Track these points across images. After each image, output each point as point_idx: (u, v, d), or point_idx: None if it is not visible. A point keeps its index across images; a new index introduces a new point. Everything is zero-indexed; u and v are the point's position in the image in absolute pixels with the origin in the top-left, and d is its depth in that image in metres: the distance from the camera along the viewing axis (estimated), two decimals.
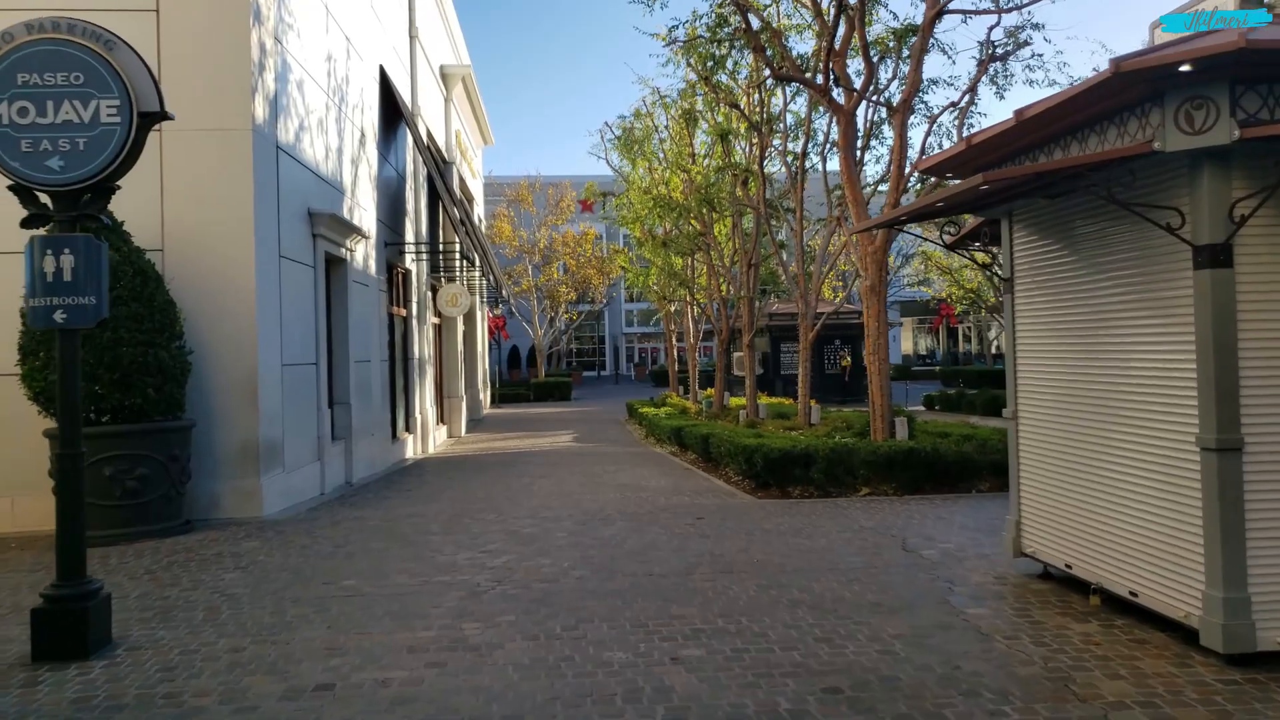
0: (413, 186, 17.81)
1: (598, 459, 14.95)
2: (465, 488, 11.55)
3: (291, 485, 10.19)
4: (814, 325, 13.73)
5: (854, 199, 10.37)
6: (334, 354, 12.53)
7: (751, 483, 10.59)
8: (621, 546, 7.38)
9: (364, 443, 13.27)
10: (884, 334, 10.34)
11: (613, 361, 55.10)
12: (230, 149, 9.35)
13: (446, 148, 21.46)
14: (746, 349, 16.41)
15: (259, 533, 8.37)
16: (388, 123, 15.95)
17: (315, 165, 11.47)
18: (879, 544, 7.31)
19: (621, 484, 11.41)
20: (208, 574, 6.73)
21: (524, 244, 35.36)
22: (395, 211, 16.36)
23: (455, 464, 15.06)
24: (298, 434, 10.51)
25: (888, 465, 9.70)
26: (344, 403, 12.54)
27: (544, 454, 16.16)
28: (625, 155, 23.03)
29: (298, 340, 10.67)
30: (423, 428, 17.57)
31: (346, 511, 9.67)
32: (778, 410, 17.32)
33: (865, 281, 10.33)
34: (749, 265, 16.26)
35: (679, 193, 18.23)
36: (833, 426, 12.75)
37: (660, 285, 21.78)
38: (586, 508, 9.42)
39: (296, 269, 10.69)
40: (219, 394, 9.30)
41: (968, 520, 8.25)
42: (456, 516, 9.07)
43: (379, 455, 14.19)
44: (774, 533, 7.85)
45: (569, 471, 13.06)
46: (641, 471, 12.81)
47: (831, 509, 8.99)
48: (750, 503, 9.53)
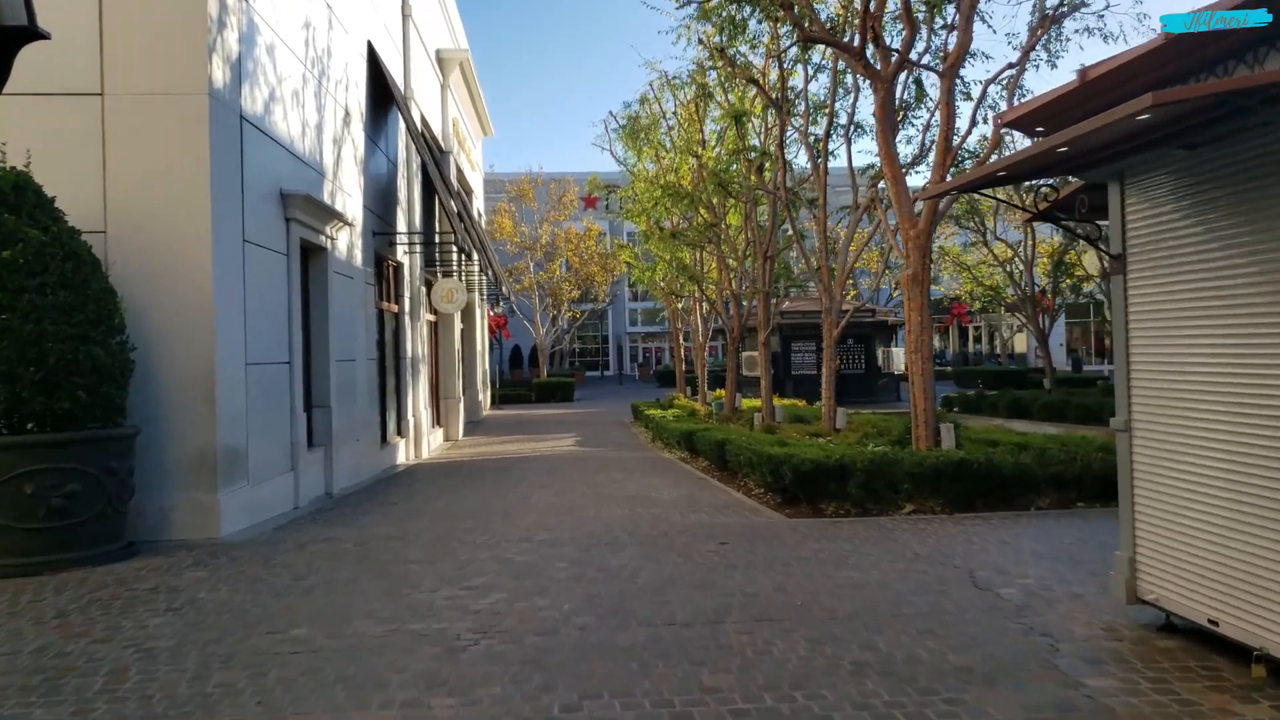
0: (405, 175, 16.55)
1: (602, 466, 13.67)
2: (456, 500, 10.28)
3: (258, 499, 8.93)
4: (838, 322, 12.44)
5: (893, 176, 9.10)
6: (312, 352, 11.27)
7: (777, 497, 9.32)
8: (634, 581, 6.10)
9: (347, 449, 12.00)
10: (927, 329, 9.07)
11: (616, 361, 53.79)
12: (183, 116, 8.08)
13: (443, 136, 20.20)
14: (762, 347, 15.13)
15: (210, 559, 7.09)
16: (377, 105, 14.69)
17: (289, 142, 10.21)
18: (943, 578, 6.03)
19: (629, 496, 10.13)
20: (130, 617, 5.46)
21: (525, 240, 34.02)
22: (385, 200, 15.10)
23: (449, 471, 13.79)
24: (266, 441, 9.24)
25: (935, 479, 8.42)
26: (324, 405, 11.27)
27: (544, 460, 14.89)
28: (630, 146, 21.74)
29: (267, 336, 9.41)
30: (416, 431, 16.31)
31: (318, 530, 8.40)
32: (794, 413, 16.03)
33: (906, 270, 9.06)
34: (765, 258, 14.98)
35: (689, 180, 16.94)
36: (862, 433, 11.46)
37: (667, 281, 20.49)
38: (591, 527, 8.14)
39: (265, 256, 9.42)
40: (170, 396, 8.03)
41: (1039, 546, 6.96)
42: (442, 538, 7.79)
43: (365, 462, 12.92)
44: (813, 562, 6.57)
45: (571, 481, 11.79)
46: (651, 481, 11.54)
47: (875, 531, 7.70)
48: (779, 522, 8.24)
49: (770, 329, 15.11)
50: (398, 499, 10.58)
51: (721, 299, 18.43)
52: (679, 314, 23.73)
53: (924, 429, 9.09)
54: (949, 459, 8.45)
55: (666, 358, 52.63)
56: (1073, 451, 8.79)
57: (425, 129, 18.29)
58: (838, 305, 12.47)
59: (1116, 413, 5.03)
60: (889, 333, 27.71)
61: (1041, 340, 23.47)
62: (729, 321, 18.12)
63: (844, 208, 12.83)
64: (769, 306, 15.26)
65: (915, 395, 9.15)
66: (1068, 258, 22.96)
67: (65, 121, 7.96)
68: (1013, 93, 9.49)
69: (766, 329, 15.12)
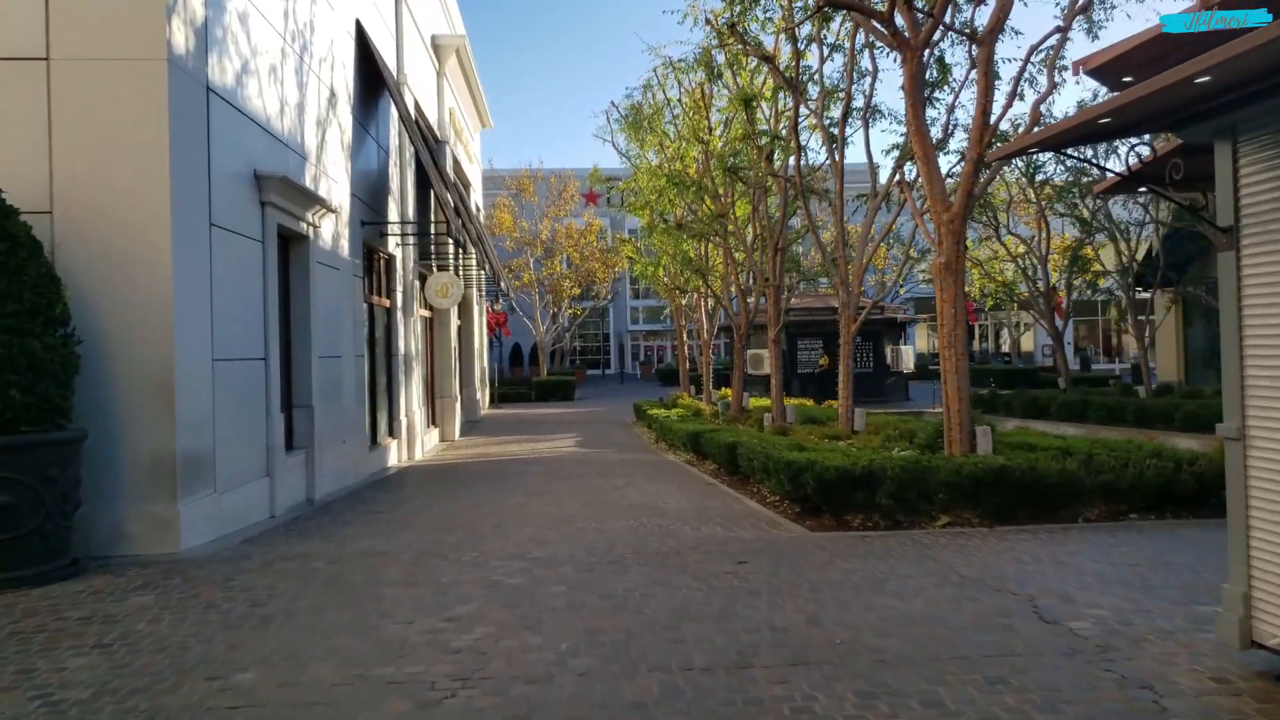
0: (397, 163, 15.68)
1: (603, 469, 12.81)
2: (446, 509, 9.40)
3: (227, 509, 8.06)
4: (856, 317, 11.57)
5: (923, 155, 8.22)
6: (293, 348, 10.40)
7: (796, 506, 8.45)
8: (641, 612, 5.23)
9: (332, 452, 11.14)
10: (961, 321, 8.19)
11: (617, 360, 52.89)
12: (139, 84, 7.21)
13: (439, 126, 19.34)
14: (772, 344, 14.25)
15: (162, 580, 6.22)
16: (367, 89, 13.82)
17: (265, 120, 9.34)
18: (1001, 608, 5.16)
19: (633, 505, 9.26)
20: (49, 657, 4.59)
21: (525, 235, 33.07)
22: (376, 189, 14.23)
23: (442, 475, 12.92)
24: (236, 444, 8.37)
25: (973, 488, 7.54)
26: (305, 405, 10.41)
27: (543, 462, 14.02)
28: (633, 137, 20.88)
29: (238, 329, 8.54)
30: (409, 432, 15.45)
31: (290, 545, 7.52)
32: (806, 413, 15.15)
33: (938, 257, 8.18)
34: (775, 250, 14.11)
35: (695, 170, 16.07)
36: (884, 435, 10.59)
37: (671, 276, 19.62)
38: (591, 542, 7.26)
39: (237, 243, 8.55)
40: (124, 396, 7.16)
41: (1100, 567, 6.08)
42: (425, 555, 6.92)
43: (352, 465, 12.06)
44: (847, 587, 5.69)
45: (570, 486, 10.92)
46: (656, 487, 10.67)
47: (910, 547, 6.83)
48: (801, 537, 7.36)
49: (780, 326, 14.23)
50: (383, 506, 9.71)
51: (728, 294, 17.54)
52: (683, 311, 22.85)
53: (958, 432, 8.21)
54: (988, 466, 7.57)
55: (668, 356, 51.74)
56: (1122, 458, 7.92)
57: (419, 116, 17.43)
58: (855, 299, 11.60)
59: (1225, 417, 4.15)
60: (898, 330, 26.83)
61: (1056, 338, 22.59)
62: (736, 318, 17.24)
63: (860, 196, 11.95)
64: (780, 302, 14.38)
65: (948, 395, 8.28)
66: (1082, 253, 22.07)
67: (5, 88, 7.10)
68: (1053, 67, 8.62)
69: (777, 325, 14.24)
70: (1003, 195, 22.06)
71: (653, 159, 20.75)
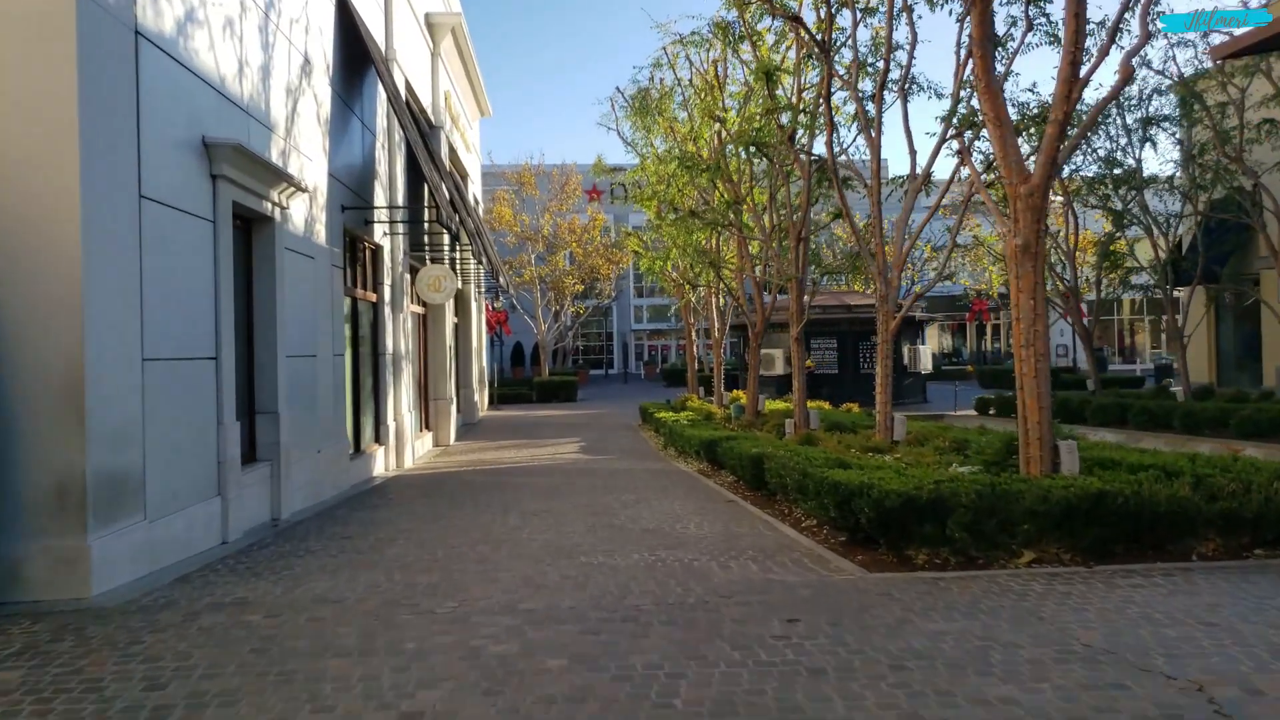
0: (385, 146, 14.24)
1: (610, 481, 11.36)
2: (426, 534, 7.96)
3: (161, 539, 6.62)
4: (895, 313, 10.13)
5: (995, 116, 6.77)
6: (255, 345, 8.97)
7: (839, 535, 7.01)
8: (670, 705, 3.78)
9: (304, 463, 9.71)
10: (1042, 316, 6.73)
11: (621, 359, 51.38)
12: (38, 21, 5.78)
13: (433, 110, 17.90)
14: (795, 343, 12.80)
15: (50, 641, 4.78)
16: (350, 63, 12.38)
17: (219, 80, 7.90)
18: (1167, 705, 3.69)
19: (647, 530, 7.82)
20: None
21: (526, 230, 31.53)
22: (360, 173, 12.79)
23: (430, 487, 11.48)
24: (176, 460, 6.94)
25: (1064, 518, 6.09)
26: (269, 411, 8.97)
27: (543, 472, 12.59)
28: (640, 122, 19.43)
29: (179, 323, 7.10)
30: (398, 438, 14.02)
31: (230, 586, 6.07)
32: (829, 418, 13.71)
33: (1013, 238, 6.73)
34: (798, 239, 12.66)
35: (709, 152, 14.61)
36: (932, 446, 9.14)
37: (682, 269, 18.17)
38: (600, 586, 5.81)
39: (179, 221, 7.11)
40: (22, 405, 5.72)
41: (1263, 628, 4.62)
42: (391, 604, 5.46)
43: (330, 477, 10.63)
44: (941, 663, 4.23)
45: (573, 503, 9.48)
46: (671, 506, 9.23)
47: (1000, 596, 5.37)
48: (859, 580, 5.90)
49: (804, 322, 12.79)
50: (355, 530, 8.25)
51: (742, 289, 16.09)
52: (691, 308, 21.40)
53: (1037, 448, 6.74)
54: (1083, 491, 6.11)
55: (673, 356, 50.27)
56: (1242, 479, 6.45)
57: (411, 97, 16.00)
58: (894, 293, 10.14)
59: None
60: (915, 329, 25.37)
61: (1085, 338, 21.12)
62: (751, 315, 15.79)
63: (898, 179, 10.51)
64: (802, 297, 12.93)
65: (1026, 403, 6.80)
66: (1114, 247, 20.60)
67: None
68: (1146, 15, 7.17)
69: (800, 322, 12.79)
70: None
71: (660, 146, 19.33)
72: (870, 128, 10.30)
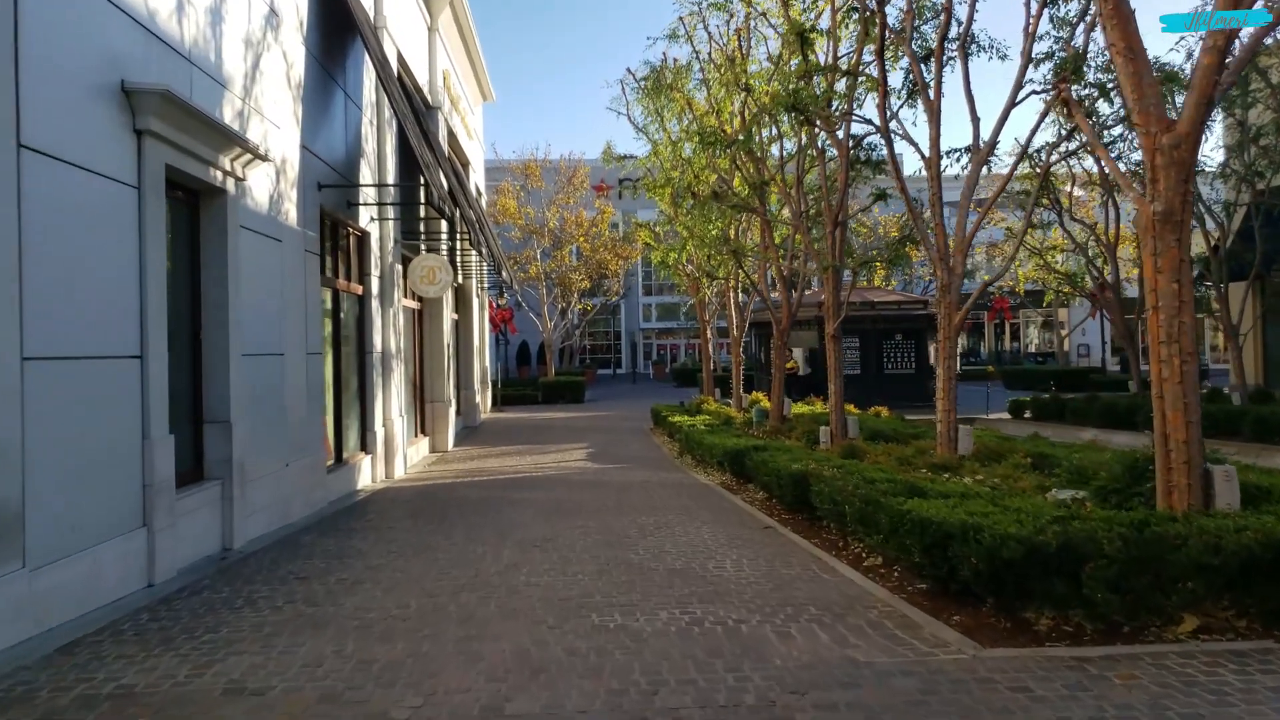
0: (374, 122, 12.67)
1: (623, 497, 9.77)
2: (400, 575, 6.36)
3: (51, 591, 5.04)
4: (959, 305, 8.52)
5: (1127, 45, 5.11)
6: (203, 342, 7.40)
7: (920, 582, 5.41)
8: None
9: (267, 480, 8.15)
10: (1188, 304, 5.09)
11: (629, 359, 49.71)
12: None
13: (430, 89, 16.31)
14: (831, 341, 11.18)
15: None
16: (331, 23, 10.81)
17: (146, 14, 6.31)
18: None
19: (674, 570, 6.22)
20: None
21: (531, 224, 29.80)
22: (344, 150, 11.22)
23: (419, 503, 9.89)
24: (75, 487, 5.36)
25: (1243, 572, 4.47)
26: (220, 421, 7.40)
27: (546, 484, 11.00)
28: (653, 105, 17.85)
29: (83, 313, 5.52)
30: (387, 445, 12.45)
31: (120, 666, 4.46)
32: (869, 425, 12.10)
33: (1152, 203, 5.10)
34: (834, 224, 11.05)
35: (731, 127, 13.00)
36: (1013, 464, 7.51)
37: (698, 261, 16.56)
38: (618, 674, 4.19)
39: (83, 183, 5.53)
40: None
41: None
42: (328, 702, 3.87)
43: (301, 493, 9.06)
44: None
45: (581, 530, 7.89)
46: (699, 533, 7.63)
47: (1189, 694, 3.75)
48: (978, 663, 4.25)
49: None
50: (316, 567, 6.65)
51: (766, 280, 14.47)
52: (706, 304, 19.79)
53: (1184, 474, 5.11)
54: (1270, 537, 4.49)
55: (682, 355, 48.64)
56: None
57: (404, 72, 14.42)
58: (958, 281, 8.51)
59: None
60: None
61: (1128, 337, 19.47)
62: (776, 311, 14.18)
63: (957, 151, 8.91)
64: (839, 289, 11.31)
65: (1166, 417, 5.16)
66: None
67: None
68: None
69: (837, 317, 11.18)
70: (1062, 172, 18.94)
71: (675, 130, 17.75)
72: (928, 90, 8.67)
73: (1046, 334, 45.98)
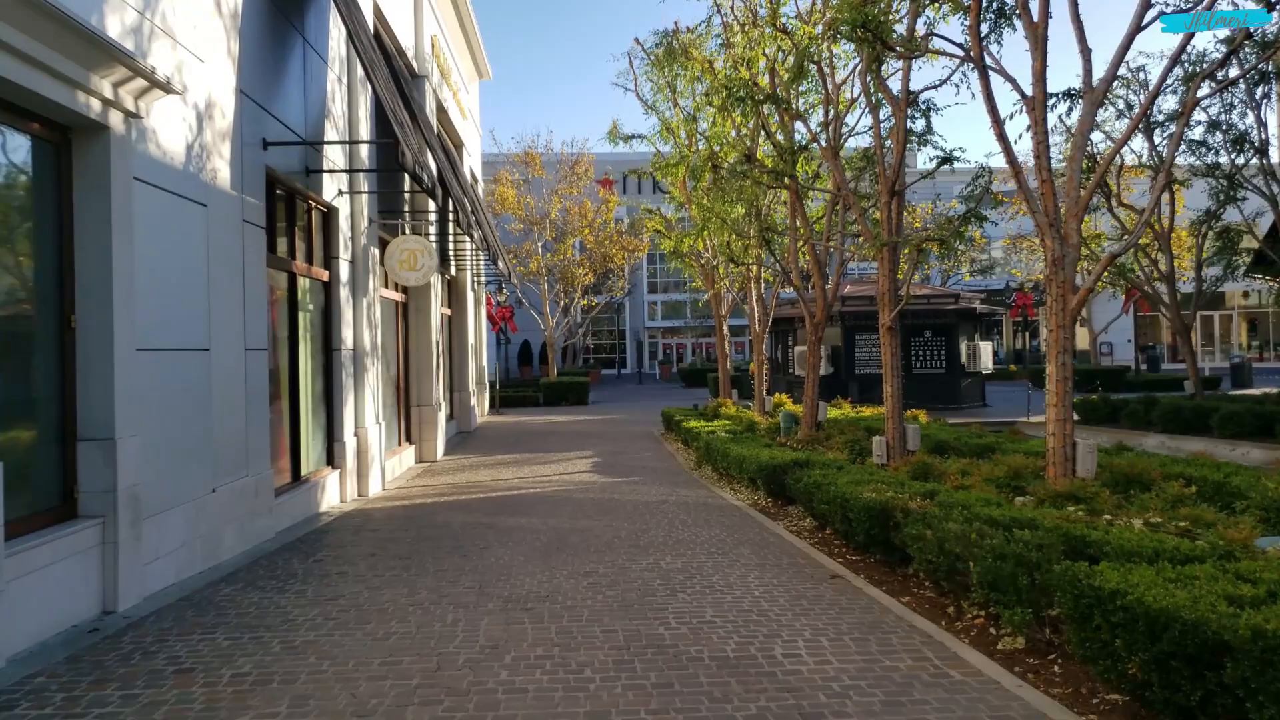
0: (344, 81, 10.64)
1: (639, 527, 7.73)
2: (326, 666, 4.31)
3: None
4: (1076, 289, 6.48)
5: None
6: (79, 331, 5.37)
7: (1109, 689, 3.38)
8: None
9: (177, 514, 6.12)
10: None
11: (635, 359, 47.57)
12: None
13: (416, 56, 14.28)
14: (887, 333, 9.11)
15: None
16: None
17: None
18: None
19: (727, 661, 4.19)
20: None
21: (532, 214, 27.60)
22: (304, 107, 9.18)
23: (387, 535, 7.85)
24: None
25: None
26: (99, 438, 5.36)
27: (545, 506, 8.96)
28: (663, 78, 15.84)
29: None
30: (359, 457, 10.43)
31: None
32: (933, 437, 10.05)
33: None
34: (890, 194, 9.01)
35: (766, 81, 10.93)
36: (1168, 496, 5.43)
37: (716, 246, 14.50)
38: None
39: None
40: None
41: None
42: None
43: (235, 525, 7.03)
44: None
45: (587, 578, 5.86)
46: (745, 586, 5.59)
47: None
48: None
49: (900, 306, 9.14)
50: (206, 656, 4.56)
51: (797, 265, 12.43)
52: (721, 298, 17.72)
53: None
54: None
55: (689, 355, 46.57)
56: None
57: (384, 30, 12.39)
58: (1074, 254, 6.45)
59: None
60: (974, 323, 21.63)
61: (1184, 334, 17.40)
62: (809, 302, 12.12)
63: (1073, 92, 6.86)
64: (895, 271, 9.27)
65: None
66: (1230, 226, 16.82)
67: None
68: None
69: (893, 306, 9.12)
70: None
71: (688, 106, 15.74)
72: (1029, 8, 6.61)
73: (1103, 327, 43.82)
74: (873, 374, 20.64)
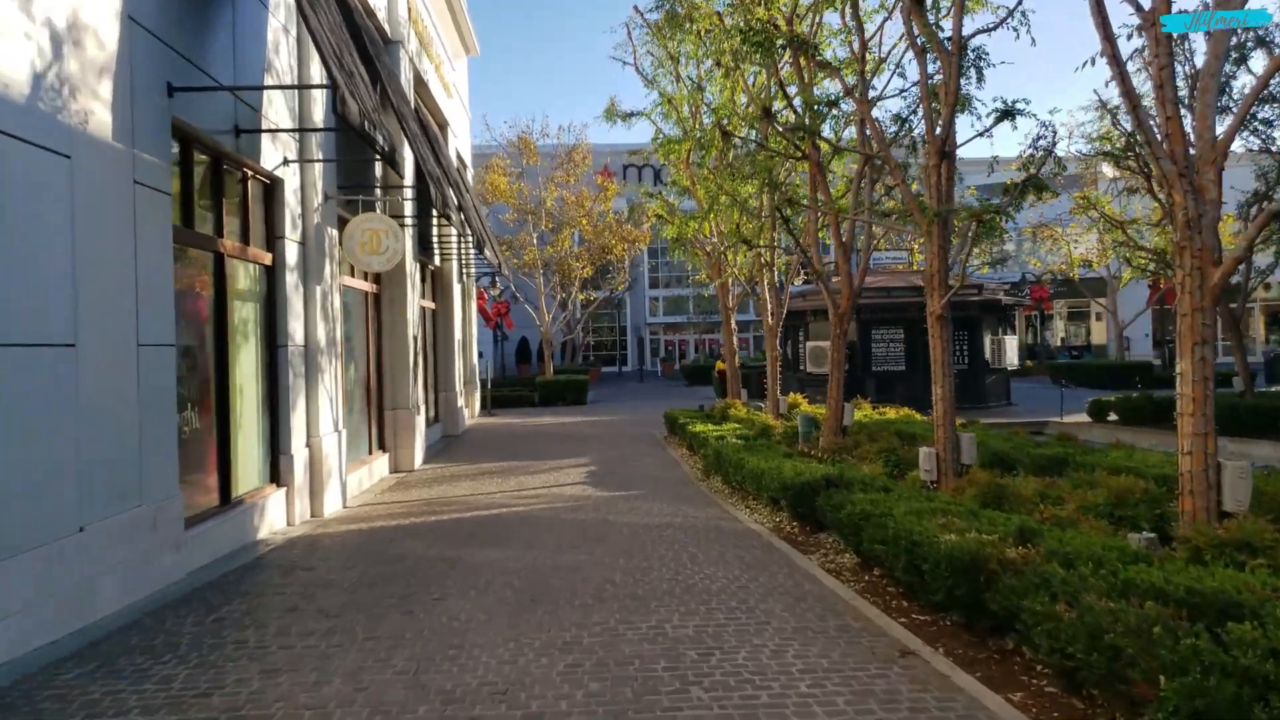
0: (293, 33, 8.96)
1: (640, 564, 6.06)
2: None
3: None
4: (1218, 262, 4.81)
5: None
6: None
7: None
8: None
9: (22, 563, 4.46)
10: None
11: (635, 356, 45.82)
12: None
13: (390, 19, 12.58)
14: (936, 324, 7.42)
15: None
16: None
17: None
18: None
19: None
20: None
21: (526, 203, 25.77)
22: (233, 52, 7.47)
23: (326, 576, 6.17)
24: None
25: None
26: None
27: (525, 533, 7.29)
28: (665, 50, 14.19)
29: None
30: (312, 472, 8.77)
31: None
32: (989, 447, 8.36)
33: None
34: (940, 156, 7.32)
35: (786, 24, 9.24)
36: None
37: (728, 228, 12.81)
38: None
39: None
40: None
41: None
42: None
43: (119, 570, 5.36)
44: None
45: (568, 661, 4.19)
46: (789, 672, 3.92)
47: None
48: None
49: (951, 293, 7.45)
50: None
51: (818, 247, 10.73)
52: (729, 289, 16.02)
53: None
54: None
55: (692, 352, 44.86)
56: None
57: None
58: (1214, 213, 4.78)
59: None
60: (998, 315, 19.94)
61: (1233, 328, 15.70)
62: (833, 293, 10.43)
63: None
64: (946, 246, 7.58)
65: None
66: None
67: None
68: None
69: (943, 293, 7.43)
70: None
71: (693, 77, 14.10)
72: None
73: (1074, 326, 42.13)
74: (891, 371, 18.96)
